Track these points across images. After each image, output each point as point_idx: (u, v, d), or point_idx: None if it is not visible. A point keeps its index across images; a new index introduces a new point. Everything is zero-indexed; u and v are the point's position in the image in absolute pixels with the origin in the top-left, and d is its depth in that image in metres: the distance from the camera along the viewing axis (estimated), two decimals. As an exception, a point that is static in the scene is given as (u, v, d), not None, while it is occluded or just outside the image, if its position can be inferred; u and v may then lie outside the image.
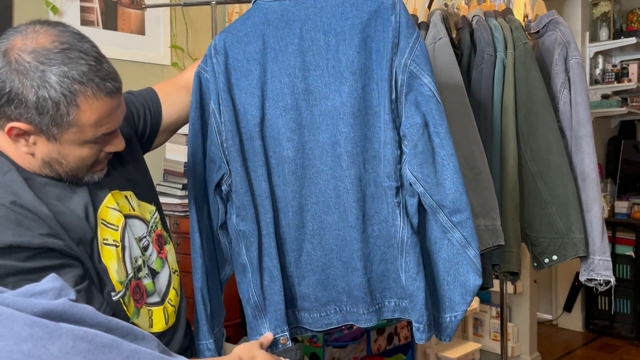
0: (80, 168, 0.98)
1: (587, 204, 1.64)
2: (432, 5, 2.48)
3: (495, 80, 1.66)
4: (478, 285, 1.12)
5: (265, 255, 1.19)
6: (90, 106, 0.91)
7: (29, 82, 0.87)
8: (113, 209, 1.04)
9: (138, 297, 1.05)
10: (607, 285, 1.63)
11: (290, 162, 1.17)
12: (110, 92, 0.92)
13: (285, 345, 1.20)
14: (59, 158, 0.95)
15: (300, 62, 1.17)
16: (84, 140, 0.94)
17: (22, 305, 0.49)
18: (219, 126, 1.19)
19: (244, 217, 1.19)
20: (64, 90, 0.88)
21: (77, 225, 0.96)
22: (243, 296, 1.25)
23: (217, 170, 1.21)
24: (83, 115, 0.91)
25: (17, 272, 0.86)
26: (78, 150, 0.95)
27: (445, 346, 2.88)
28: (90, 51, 0.91)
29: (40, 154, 0.94)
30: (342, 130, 1.15)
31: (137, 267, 1.06)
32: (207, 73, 1.21)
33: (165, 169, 2.15)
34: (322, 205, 1.18)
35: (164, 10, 2.27)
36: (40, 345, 0.45)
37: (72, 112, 0.90)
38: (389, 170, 1.13)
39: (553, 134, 1.62)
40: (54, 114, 0.89)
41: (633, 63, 3.87)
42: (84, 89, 0.89)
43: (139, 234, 1.09)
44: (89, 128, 0.93)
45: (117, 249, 1.01)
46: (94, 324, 0.50)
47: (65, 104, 0.89)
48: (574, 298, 3.84)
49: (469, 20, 1.78)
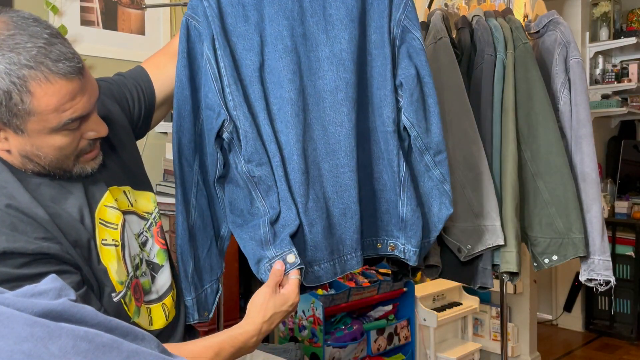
0: (61, 159, 0.93)
1: (587, 204, 1.64)
2: (432, 5, 2.48)
3: (495, 80, 1.66)
4: (449, 214, 1.29)
5: (281, 200, 1.16)
6: (45, 91, 0.85)
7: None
8: (111, 208, 1.02)
9: (138, 296, 1.04)
10: (607, 285, 1.63)
11: (293, 105, 1.16)
12: (66, 73, 0.86)
13: (295, 263, 1.11)
14: (34, 150, 0.90)
15: (298, 6, 1.18)
16: (51, 128, 0.88)
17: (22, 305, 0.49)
18: (217, 72, 1.15)
19: (258, 161, 1.14)
20: (12, 78, 0.83)
21: (73, 228, 0.94)
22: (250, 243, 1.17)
23: (216, 118, 1.15)
24: (40, 102, 0.85)
25: (11, 279, 0.84)
26: (50, 139, 0.90)
27: (445, 346, 2.88)
28: (40, 33, 0.85)
29: (15, 149, 0.91)
30: (343, 75, 1.19)
31: (136, 265, 1.05)
32: (198, 19, 1.16)
33: (165, 169, 2.15)
34: (320, 152, 1.19)
35: (164, 10, 2.27)
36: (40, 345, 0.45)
37: (27, 99, 0.85)
38: (394, 115, 1.22)
39: (553, 134, 1.62)
40: (8, 104, 0.85)
41: (633, 63, 3.88)
42: (34, 73, 0.84)
43: (136, 231, 1.08)
44: (51, 115, 0.87)
45: (117, 249, 1.00)
46: (94, 324, 0.50)
47: (17, 92, 0.84)
48: (574, 298, 3.84)
49: (469, 20, 1.78)
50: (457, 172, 1.60)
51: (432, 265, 1.64)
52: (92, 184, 1.01)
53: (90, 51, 1.95)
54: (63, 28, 1.84)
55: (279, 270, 1.10)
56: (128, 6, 2.14)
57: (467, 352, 2.86)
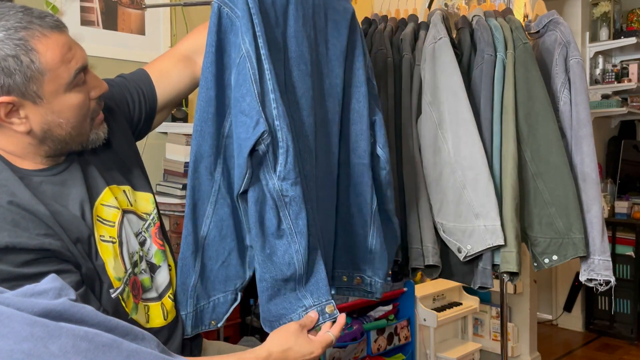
0: (80, 121, 0.96)
1: (587, 204, 1.64)
2: (432, 5, 2.48)
3: (495, 80, 1.66)
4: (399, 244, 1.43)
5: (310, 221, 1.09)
6: (46, 46, 0.89)
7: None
8: (108, 206, 1.02)
9: (135, 293, 1.04)
10: (607, 285, 1.63)
11: (311, 130, 1.14)
12: (55, 26, 0.91)
13: (334, 314, 1.05)
14: (56, 119, 0.93)
15: (313, 33, 1.16)
16: (65, 84, 0.92)
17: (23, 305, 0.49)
18: (257, 73, 1.00)
19: (294, 181, 1.03)
20: (14, 41, 0.87)
21: (74, 225, 0.94)
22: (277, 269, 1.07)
23: (254, 127, 1.00)
24: (46, 57, 0.89)
25: (12, 278, 0.84)
26: (67, 99, 0.93)
27: (446, 346, 2.88)
28: (14, 5, 0.91)
29: (36, 125, 0.92)
30: (337, 109, 1.23)
31: (134, 262, 1.05)
32: (234, 8, 1.03)
33: (165, 169, 2.15)
34: (319, 180, 1.20)
35: (164, 10, 2.27)
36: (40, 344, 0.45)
37: (35, 58, 0.88)
38: (369, 149, 1.28)
39: (553, 134, 1.62)
40: (21, 68, 0.87)
41: (633, 63, 3.87)
42: (30, 32, 0.88)
43: (135, 230, 1.08)
44: (60, 68, 0.91)
45: (114, 245, 1.00)
46: (94, 324, 0.50)
47: (24, 53, 0.87)
48: (574, 298, 3.84)
49: (469, 20, 1.78)
50: (457, 172, 1.60)
51: (432, 265, 1.64)
52: (92, 181, 1.02)
53: (90, 51, 1.94)
54: (63, 28, 1.84)
55: (312, 318, 1.05)
56: (128, 6, 2.14)
57: (467, 352, 2.86)
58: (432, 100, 1.66)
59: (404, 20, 1.86)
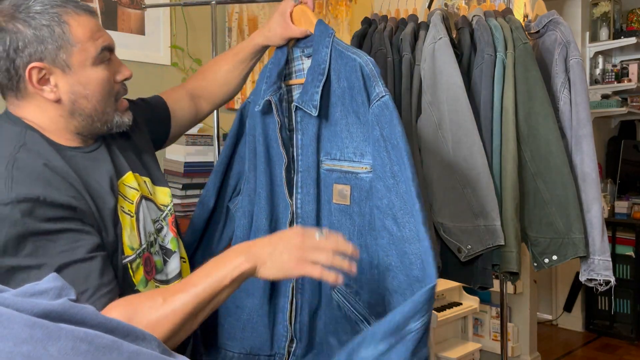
0: (104, 98, 1.03)
1: (587, 204, 1.63)
2: (432, 5, 2.48)
3: (495, 80, 1.66)
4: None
5: None
6: (77, 22, 0.99)
7: (20, 22, 0.95)
8: (129, 187, 1.08)
9: (149, 270, 1.08)
10: (607, 285, 1.63)
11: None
12: (87, 10, 1.02)
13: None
14: (82, 90, 1.00)
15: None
16: (92, 57, 1.00)
17: (22, 305, 0.49)
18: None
19: None
20: (50, 14, 0.97)
21: (102, 195, 0.99)
22: None
23: None
24: (76, 31, 0.98)
25: (38, 233, 0.87)
26: (93, 72, 1.01)
27: (446, 346, 2.88)
28: None
29: (65, 94, 1.00)
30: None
31: (150, 241, 1.09)
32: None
33: (166, 169, 2.15)
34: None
35: (164, 10, 2.27)
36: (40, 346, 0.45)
37: (66, 30, 0.97)
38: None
39: (553, 134, 1.62)
40: (53, 37, 0.97)
41: (633, 63, 3.87)
42: (64, 9, 0.98)
43: (153, 217, 1.13)
44: (88, 43, 0.99)
45: (131, 219, 1.05)
46: (94, 324, 0.50)
47: (57, 25, 0.97)
48: (574, 298, 3.84)
49: (469, 20, 1.78)
50: (457, 172, 1.60)
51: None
52: (118, 162, 1.09)
53: (90, 51, 1.95)
54: (63, 28, 1.84)
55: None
56: (128, 6, 2.14)
57: (467, 352, 2.86)
58: (432, 100, 1.66)
59: (404, 20, 1.86)
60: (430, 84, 1.67)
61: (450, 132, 1.61)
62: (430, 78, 1.67)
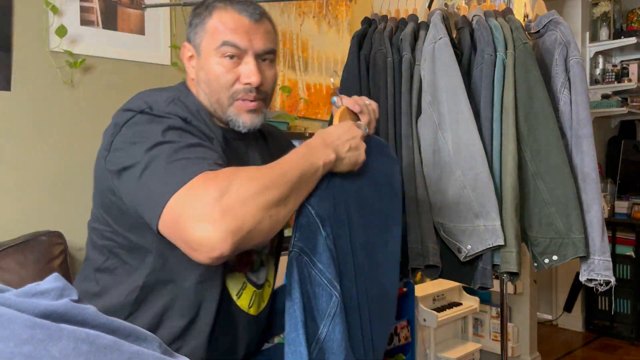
0: (217, 90, 1.09)
1: (587, 204, 1.63)
2: (432, 5, 2.48)
3: (495, 80, 1.66)
4: None
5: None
6: (219, 15, 1.08)
7: (202, 9, 1.11)
8: None
9: (245, 262, 1.12)
10: (607, 286, 1.63)
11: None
12: (240, 10, 1.08)
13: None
14: (203, 75, 1.09)
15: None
16: (213, 49, 1.08)
17: (23, 306, 0.49)
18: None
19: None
20: (207, 7, 1.10)
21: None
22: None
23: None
24: (213, 22, 1.09)
25: (181, 129, 0.97)
26: (212, 62, 1.08)
27: (446, 346, 2.88)
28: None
29: (195, 75, 1.12)
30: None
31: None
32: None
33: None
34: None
35: (164, 10, 2.27)
36: (41, 347, 0.45)
37: (207, 20, 1.09)
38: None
39: (553, 134, 1.62)
40: (198, 24, 1.11)
41: (633, 63, 3.87)
42: (220, 5, 1.09)
43: None
44: (216, 34, 1.08)
45: None
46: (95, 325, 0.50)
47: (206, 15, 1.10)
48: (574, 298, 3.83)
49: (469, 20, 1.78)
50: (457, 172, 1.60)
51: (432, 265, 1.64)
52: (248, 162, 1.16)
53: (90, 51, 1.95)
54: (63, 28, 1.84)
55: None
56: (128, 6, 2.14)
57: (467, 352, 2.85)
58: (432, 100, 1.66)
59: (404, 20, 1.86)
60: (430, 84, 1.67)
61: (450, 132, 1.61)
62: (430, 78, 1.67)
